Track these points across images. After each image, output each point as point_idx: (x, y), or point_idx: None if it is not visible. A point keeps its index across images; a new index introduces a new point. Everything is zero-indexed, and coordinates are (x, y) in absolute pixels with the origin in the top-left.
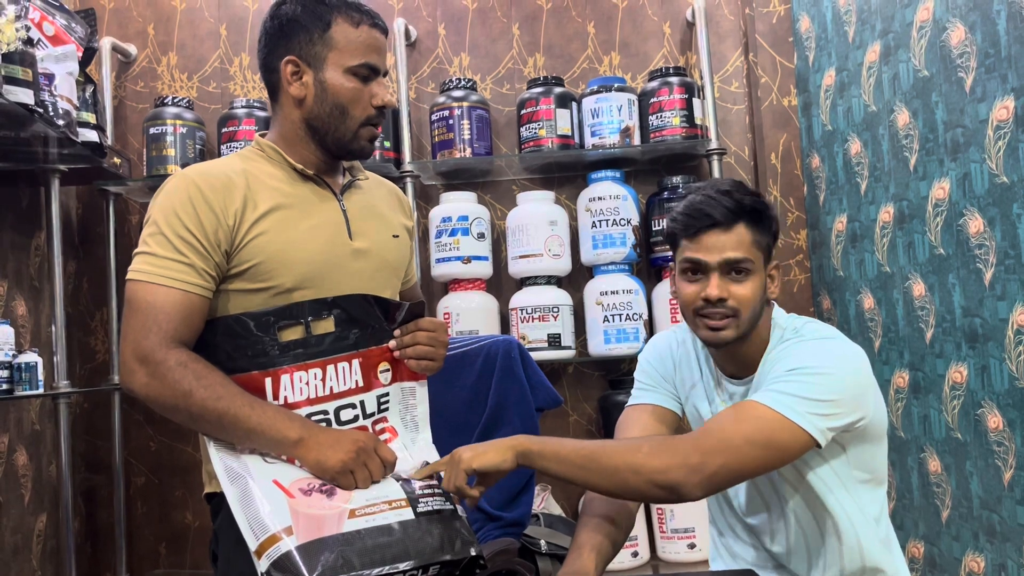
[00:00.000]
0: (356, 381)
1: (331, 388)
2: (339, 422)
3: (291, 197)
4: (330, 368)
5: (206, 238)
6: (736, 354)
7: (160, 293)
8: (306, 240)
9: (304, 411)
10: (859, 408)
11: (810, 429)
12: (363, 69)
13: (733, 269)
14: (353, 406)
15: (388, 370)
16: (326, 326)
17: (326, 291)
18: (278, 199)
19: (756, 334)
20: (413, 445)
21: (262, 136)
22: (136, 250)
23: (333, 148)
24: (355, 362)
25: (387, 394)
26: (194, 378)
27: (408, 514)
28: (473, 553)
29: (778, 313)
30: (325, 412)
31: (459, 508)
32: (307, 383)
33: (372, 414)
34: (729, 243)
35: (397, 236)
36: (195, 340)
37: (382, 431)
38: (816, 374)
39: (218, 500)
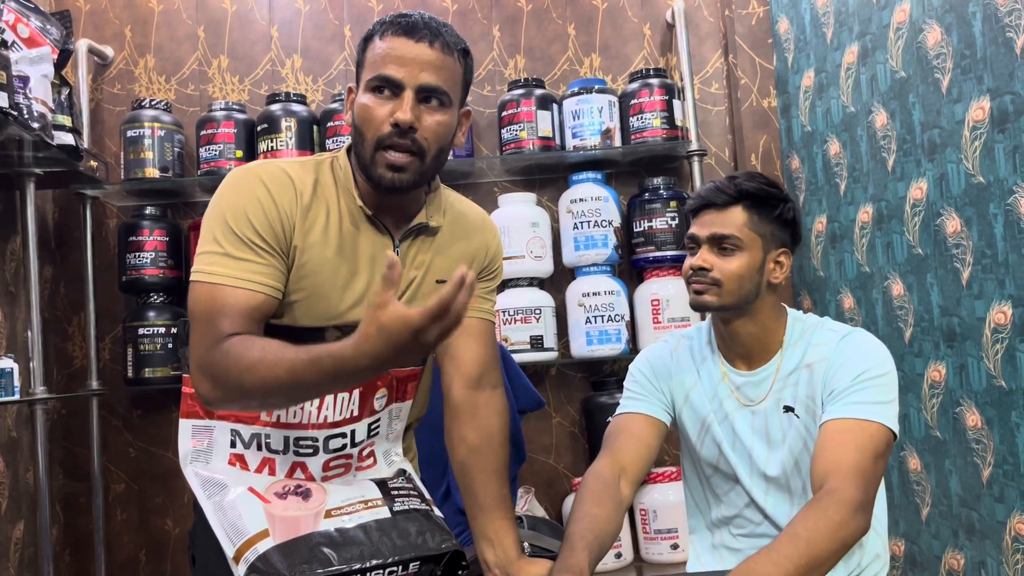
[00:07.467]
0: (352, 411)
1: (325, 417)
2: (327, 450)
3: (342, 236)
4: (328, 398)
5: (276, 238)
6: (741, 335)
7: (227, 294)
8: (333, 291)
9: (294, 434)
10: None
11: (895, 428)
12: (376, 81)
13: (720, 244)
14: (344, 435)
15: (384, 396)
16: None
17: None
18: (329, 233)
19: (762, 320)
20: (388, 457)
21: (348, 151)
22: (199, 250)
23: (368, 179)
24: (355, 392)
25: (378, 420)
26: (243, 369)
27: (384, 513)
28: (451, 547)
29: (793, 313)
30: (314, 440)
31: (434, 509)
32: (302, 408)
33: (360, 442)
34: (719, 221)
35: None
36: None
37: (368, 456)
38: (881, 375)
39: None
